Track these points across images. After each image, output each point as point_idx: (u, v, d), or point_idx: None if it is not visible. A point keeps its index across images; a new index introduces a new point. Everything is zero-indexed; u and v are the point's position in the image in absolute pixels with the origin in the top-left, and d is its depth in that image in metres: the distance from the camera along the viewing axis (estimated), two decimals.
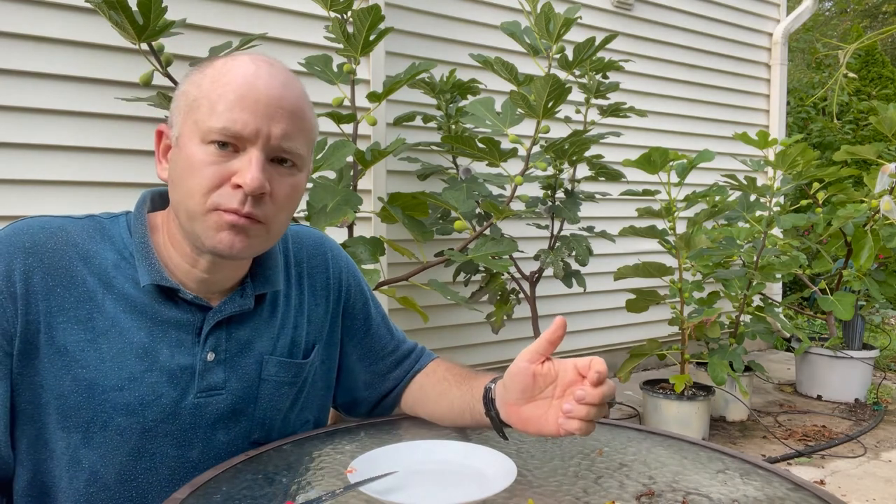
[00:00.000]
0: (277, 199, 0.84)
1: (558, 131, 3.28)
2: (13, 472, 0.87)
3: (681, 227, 4.27)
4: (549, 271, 3.14)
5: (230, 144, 0.81)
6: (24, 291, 0.82)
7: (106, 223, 0.90)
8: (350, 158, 2.22)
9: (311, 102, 0.90)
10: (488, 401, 0.93)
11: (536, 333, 3.09)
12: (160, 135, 0.89)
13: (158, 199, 0.95)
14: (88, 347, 0.84)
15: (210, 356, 0.89)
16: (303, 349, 0.99)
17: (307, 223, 1.99)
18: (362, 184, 2.70)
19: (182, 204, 0.83)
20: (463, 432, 1.03)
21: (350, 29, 2.21)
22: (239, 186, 0.81)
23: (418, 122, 3.05)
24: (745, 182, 3.50)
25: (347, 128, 2.40)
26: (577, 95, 3.22)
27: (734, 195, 3.64)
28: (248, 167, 0.80)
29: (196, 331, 0.89)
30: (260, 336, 0.94)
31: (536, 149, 2.59)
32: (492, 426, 0.93)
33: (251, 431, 0.95)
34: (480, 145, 2.33)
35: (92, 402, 0.83)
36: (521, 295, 3.17)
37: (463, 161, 3.07)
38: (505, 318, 3.08)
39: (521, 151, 2.43)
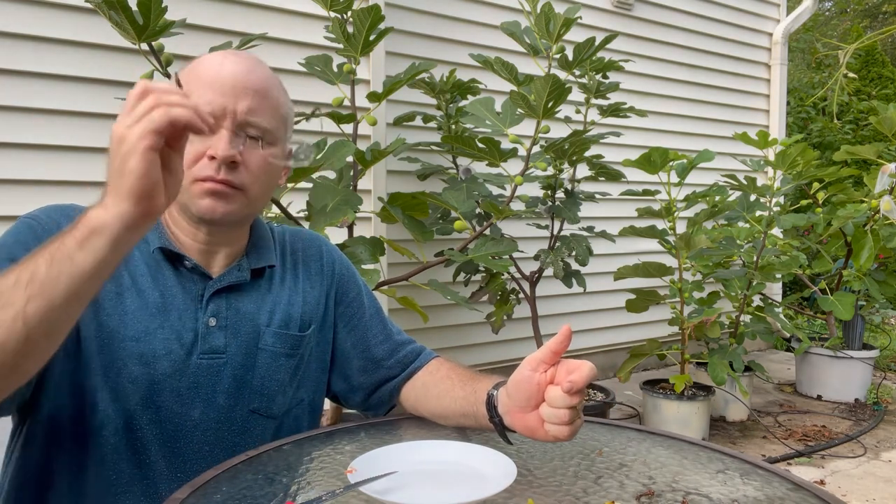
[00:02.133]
0: (250, 167, 0.95)
1: (558, 131, 3.27)
2: (28, 398, 0.91)
3: (681, 227, 4.27)
4: (549, 271, 3.13)
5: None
6: None
7: None
8: (350, 158, 2.22)
9: (280, 84, 1.01)
10: (491, 407, 0.94)
11: (536, 333, 3.09)
12: None
13: None
14: (114, 299, 0.93)
15: (212, 321, 0.98)
16: (298, 325, 1.06)
17: (307, 223, 1.99)
18: (362, 184, 2.70)
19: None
20: (463, 432, 1.03)
21: (350, 29, 2.21)
22: (213, 157, 0.92)
23: (418, 122, 3.05)
24: (745, 182, 3.50)
25: (347, 128, 2.40)
26: (577, 95, 3.21)
27: (734, 195, 3.64)
28: (219, 140, 0.92)
29: (199, 297, 0.98)
30: (258, 308, 1.02)
31: (536, 149, 2.59)
32: (495, 430, 0.94)
33: (251, 400, 1.01)
34: (480, 145, 2.33)
35: (111, 347, 0.92)
36: (521, 295, 3.17)
37: (463, 161, 3.07)
38: (505, 318, 3.08)
39: (521, 151, 2.43)
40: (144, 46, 1.86)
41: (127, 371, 0.92)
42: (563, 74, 2.50)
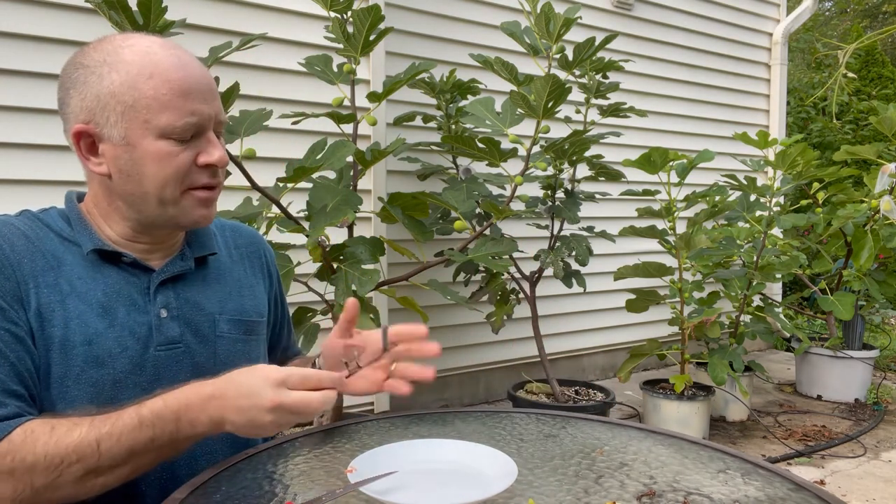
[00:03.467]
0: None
1: (558, 131, 3.28)
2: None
3: (681, 227, 4.27)
4: (549, 271, 3.13)
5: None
6: (12, 255, 0.90)
7: (40, 215, 0.98)
8: (350, 158, 2.22)
9: None
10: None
11: (536, 333, 3.09)
12: (79, 135, 0.93)
13: (77, 200, 1.03)
14: (58, 308, 0.91)
15: (163, 312, 0.97)
16: (252, 312, 1.08)
17: (308, 223, 1.99)
18: (362, 184, 2.70)
19: (149, 195, 0.93)
20: (463, 432, 1.03)
21: (350, 29, 2.21)
22: (207, 165, 0.93)
23: (418, 122, 3.05)
24: (745, 182, 3.50)
25: (347, 128, 2.40)
26: (577, 95, 3.21)
27: (734, 195, 3.64)
28: (213, 147, 0.94)
29: (145, 290, 0.97)
30: (208, 298, 1.03)
31: (536, 149, 2.59)
32: None
33: None
34: (480, 145, 2.33)
35: (64, 356, 0.90)
36: (521, 295, 3.17)
37: (463, 161, 3.07)
38: (505, 318, 3.08)
39: (521, 151, 2.43)
40: None
41: (86, 376, 0.91)
42: (563, 74, 2.50)
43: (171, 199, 0.93)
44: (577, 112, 3.14)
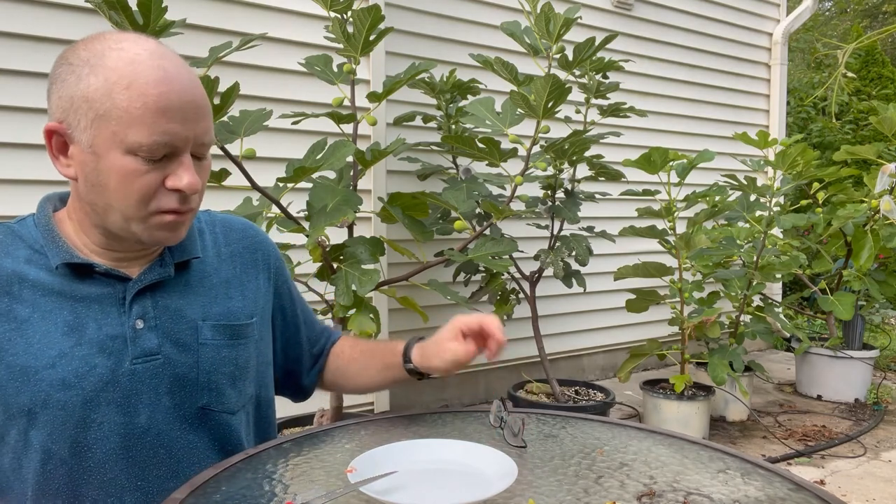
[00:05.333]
0: (201, 187, 0.91)
1: (558, 131, 3.27)
2: None
3: (681, 227, 4.27)
4: (549, 271, 3.13)
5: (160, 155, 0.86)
6: None
7: (15, 226, 0.96)
8: (350, 158, 2.22)
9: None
10: (407, 359, 1.12)
11: (536, 333, 3.09)
12: (51, 134, 0.88)
13: (58, 202, 0.99)
14: (14, 335, 0.88)
15: (139, 323, 0.93)
16: (240, 315, 1.03)
17: (307, 223, 1.99)
18: (362, 184, 2.70)
19: (113, 207, 0.88)
20: (463, 432, 1.03)
21: (350, 29, 2.21)
22: (176, 190, 0.87)
23: (418, 122, 3.05)
24: (745, 182, 3.50)
25: (347, 128, 2.40)
26: (577, 95, 3.21)
27: (734, 195, 3.64)
28: (185, 171, 0.87)
29: (120, 301, 0.93)
30: (190, 304, 0.98)
31: (536, 149, 2.59)
32: (409, 377, 1.13)
33: (198, 396, 0.97)
34: (480, 145, 2.33)
35: (28, 384, 0.87)
36: (521, 295, 3.17)
37: (463, 161, 3.06)
38: (505, 318, 3.07)
39: (521, 151, 2.43)
40: None
41: (53, 400, 0.87)
42: (563, 74, 2.50)
43: (135, 216, 0.88)
44: (577, 112, 3.14)
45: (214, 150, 1.91)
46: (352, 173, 2.29)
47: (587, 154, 2.87)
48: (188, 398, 0.96)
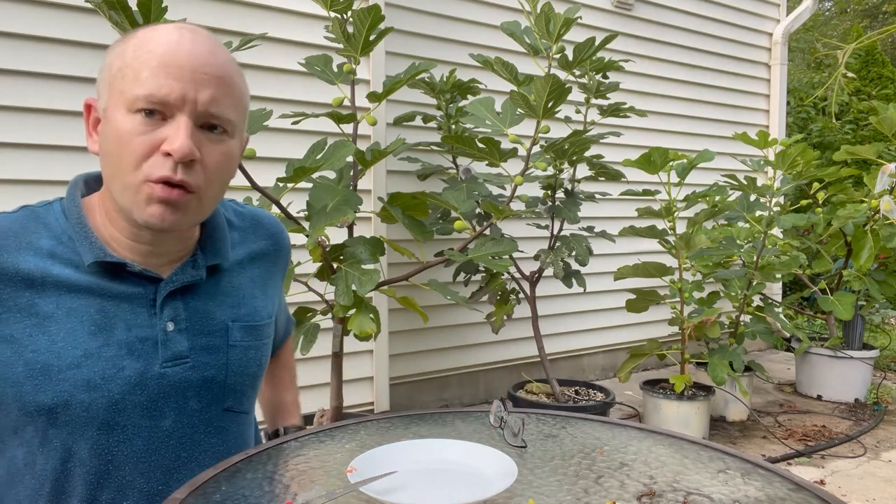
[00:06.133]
0: (208, 166, 0.85)
1: (558, 131, 3.28)
2: None
3: (681, 227, 4.27)
4: (549, 271, 3.13)
5: (157, 112, 0.81)
6: None
7: (40, 211, 0.90)
8: (350, 158, 2.22)
9: (240, 70, 0.90)
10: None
11: (536, 333, 3.09)
12: (89, 108, 0.88)
13: (93, 183, 0.96)
14: (36, 332, 0.84)
15: (170, 326, 0.90)
16: (263, 317, 1.02)
17: (308, 223, 1.99)
18: (362, 184, 2.70)
19: (115, 178, 0.84)
20: (463, 432, 1.03)
21: (350, 29, 2.21)
22: (168, 154, 0.80)
23: (418, 122, 3.05)
24: (745, 182, 3.50)
25: (347, 128, 2.40)
26: (577, 95, 3.22)
27: (734, 195, 3.64)
28: (177, 133, 0.80)
29: (150, 302, 0.89)
30: (219, 306, 0.96)
31: (536, 149, 2.59)
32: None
33: (224, 398, 0.96)
34: (480, 145, 2.33)
35: (49, 383, 0.83)
36: (521, 295, 3.17)
37: (463, 161, 3.06)
38: (505, 318, 3.08)
39: (521, 151, 2.43)
40: None
41: (77, 401, 0.84)
42: (563, 74, 2.50)
43: (129, 184, 0.82)
44: (577, 112, 3.14)
45: None
46: (352, 173, 2.29)
47: (587, 154, 2.87)
48: (214, 401, 0.95)
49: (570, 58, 2.55)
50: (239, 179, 2.07)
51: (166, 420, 0.90)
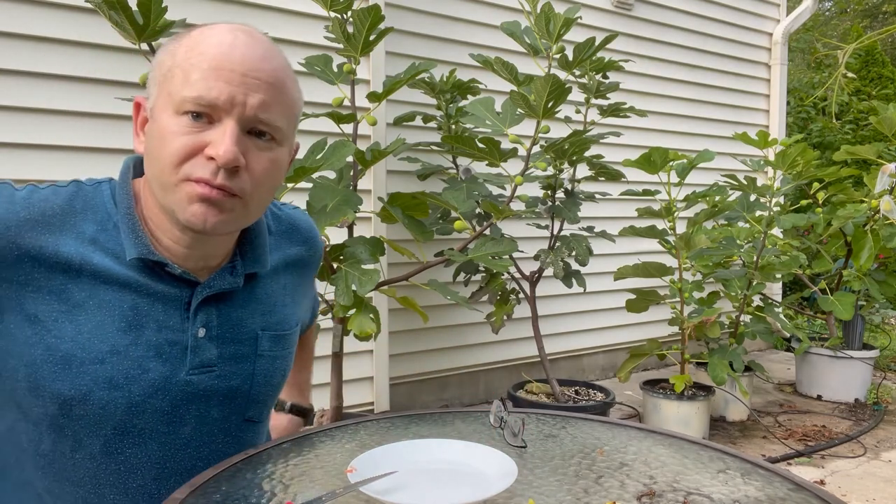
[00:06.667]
0: (255, 173, 0.82)
1: (558, 131, 3.28)
2: None
3: (681, 227, 4.27)
4: (549, 271, 3.13)
5: (204, 115, 0.79)
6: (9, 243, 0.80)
7: (89, 191, 0.87)
8: (350, 158, 2.22)
9: (294, 76, 0.87)
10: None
11: (536, 333, 3.09)
12: (138, 107, 0.86)
13: (140, 166, 0.92)
14: (63, 318, 0.81)
15: (201, 332, 0.87)
16: (291, 325, 1.00)
17: None
18: (362, 184, 2.70)
19: (156, 177, 0.81)
20: (463, 432, 1.03)
21: (350, 29, 2.21)
22: (212, 158, 0.78)
23: (418, 122, 3.05)
24: (745, 182, 3.50)
25: (347, 128, 2.40)
26: (577, 95, 3.21)
27: (734, 195, 3.64)
28: (222, 138, 0.78)
29: (184, 306, 0.87)
30: (251, 314, 0.93)
31: (536, 149, 2.59)
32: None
33: (247, 408, 0.95)
34: (480, 145, 2.33)
35: (68, 374, 0.80)
36: (521, 295, 3.17)
37: (463, 161, 3.06)
38: (505, 318, 3.08)
39: (521, 151, 2.43)
40: (144, 46, 1.86)
41: (95, 397, 0.81)
42: (563, 74, 2.50)
43: (168, 183, 0.80)
44: (577, 112, 3.14)
45: None
46: (352, 173, 2.29)
47: (587, 154, 2.87)
48: (236, 410, 0.93)
49: (570, 58, 2.55)
50: None
51: (186, 427, 0.88)
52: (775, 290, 5.04)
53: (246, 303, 0.93)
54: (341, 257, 2.09)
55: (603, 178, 3.12)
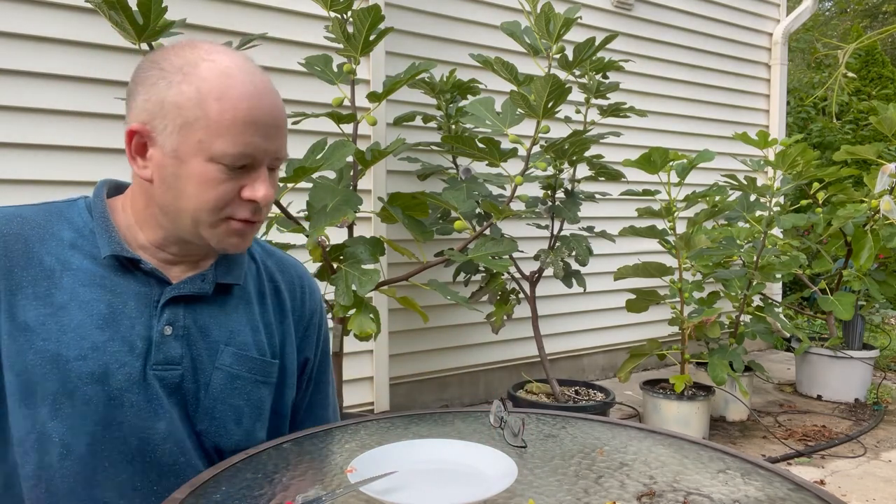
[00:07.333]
0: (270, 198, 0.93)
1: (558, 131, 3.28)
2: None
3: (681, 227, 4.27)
4: (549, 271, 3.13)
5: (242, 166, 0.88)
6: (3, 261, 0.88)
7: (63, 207, 0.96)
8: (350, 158, 2.22)
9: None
10: None
11: (536, 333, 3.09)
12: (132, 134, 0.89)
13: (113, 189, 1.00)
14: (49, 321, 0.87)
15: (167, 329, 0.92)
16: (264, 351, 1.00)
17: (307, 223, 1.99)
18: (362, 184, 2.70)
19: (186, 212, 0.89)
20: (463, 432, 1.03)
21: (350, 29, 2.21)
22: (252, 200, 0.89)
23: (418, 122, 3.05)
24: (745, 182, 3.50)
25: (347, 128, 2.40)
26: (577, 95, 3.22)
27: (734, 195, 3.64)
28: (261, 183, 0.90)
29: (154, 303, 0.93)
30: (219, 325, 0.97)
31: (536, 149, 2.59)
32: None
33: (198, 420, 0.94)
34: (480, 145, 2.33)
35: (57, 371, 0.86)
36: (521, 295, 3.17)
37: (463, 161, 3.07)
38: (505, 318, 3.08)
39: (521, 151, 2.43)
40: (144, 46, 1.86)
41: (80, 393, 0.86)
42: (563, 74, 2.50)
43: (206, 222, 0.89)
44: (577, 112, 3.14)
45: None
46: (352, 173, 2.29)
47: (587, 154, 2.87)
48: (190, 418, 0.94)
49: (570, 58, 2.55)
50: None
51: (161, 422, 0.90)
52: (775, 290, 5.04)
53: (216, 314, 0.97)
54: (341, 257, 2.09)
55: (603, 178, 3.12)
